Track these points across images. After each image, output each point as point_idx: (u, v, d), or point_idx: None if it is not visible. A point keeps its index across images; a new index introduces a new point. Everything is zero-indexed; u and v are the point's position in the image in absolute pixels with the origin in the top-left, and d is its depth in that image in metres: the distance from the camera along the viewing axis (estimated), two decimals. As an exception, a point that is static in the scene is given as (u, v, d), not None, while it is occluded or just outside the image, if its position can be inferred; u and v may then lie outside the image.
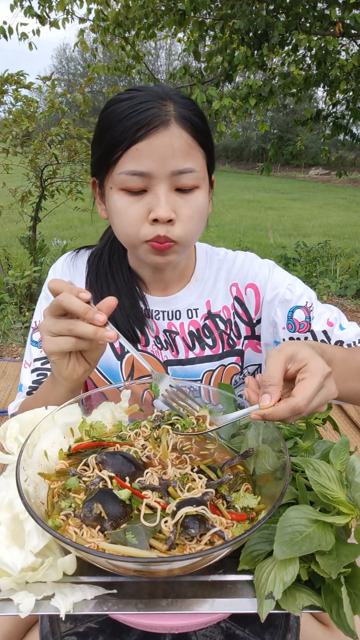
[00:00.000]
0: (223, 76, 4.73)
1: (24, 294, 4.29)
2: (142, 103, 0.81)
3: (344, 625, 0.51)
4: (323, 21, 4.20)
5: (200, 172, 0.84)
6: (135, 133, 0.79)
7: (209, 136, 0.88)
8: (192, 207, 0.85)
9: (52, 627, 0.66)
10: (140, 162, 0.80)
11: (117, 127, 0.81)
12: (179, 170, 0.81)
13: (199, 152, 0.85)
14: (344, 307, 4.74)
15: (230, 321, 1.04)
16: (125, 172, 0.81)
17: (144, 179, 0.81)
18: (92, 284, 1.01)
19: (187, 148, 0.82)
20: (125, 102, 0.82)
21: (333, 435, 2.31)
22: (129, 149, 0.80)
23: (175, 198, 0.84)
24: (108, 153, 0.83)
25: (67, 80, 31.61)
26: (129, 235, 0.86)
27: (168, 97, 0.83)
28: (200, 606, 0.53)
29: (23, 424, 0.74)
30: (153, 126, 0.79)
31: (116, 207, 0.86)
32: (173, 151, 0.80)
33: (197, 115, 0.85)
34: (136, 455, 0.69)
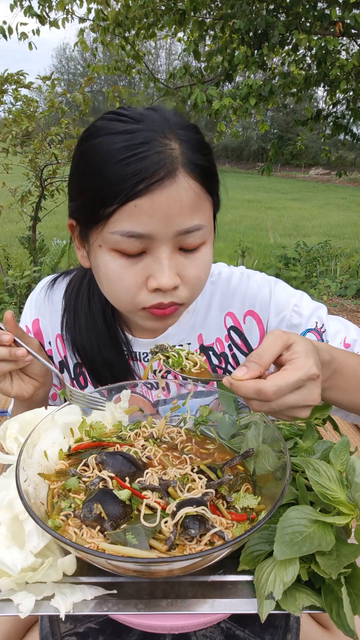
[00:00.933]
0: (223, 76, 4.73)
1: (24, 294, 4.28)
2: (142, 144, 0.65)
3: (344, 625, 0.51)
4: (323, 21, 4.20)
5: (207, 227, 0.72)
6: (135, 186, 0.64)
7: (215, 174, 0.74)
8: (198, 267, 0.73)
9: (52, 628, 0.66)
10: (140, 222, 0.66)
11: (111, 173, 0.65)
12: (185, 230, 0.68)
13: (207, 202, 0.72)
14: (344, 307, 4.74)
15: (225, 355, 0.94)
16: (120, 233, 0.67)
17: (143, 240, 0.68)
18: (69, 327, 0.90)
19: (196, 201, 0.68)
20: (120, 138, 0.66)
21: (333, 435, 2.30)
22: (125, 205, 0.65)
23: (180, 259, 0.71)
24: (98, 205, 0.67)
25: (67, 80, 31.64)
26: (123, 301, 0.75)
27: (171, 132, 0.68)
28: (200, 606, 0.53)
29: (23, 424, 0.74)
30: (157, 178, 0.64)
31: (107, 269, 0.72)
32: (180, 208, 0.66)
33: (205, 153, 0.71)
34: (136, 455, 0.69)
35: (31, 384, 0.82)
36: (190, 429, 0.80)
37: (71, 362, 0.95)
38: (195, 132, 0.73)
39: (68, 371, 0.96)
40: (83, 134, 0.73)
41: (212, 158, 0.73)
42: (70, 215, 0.77)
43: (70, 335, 0.91)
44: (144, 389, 0.88)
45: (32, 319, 0.96)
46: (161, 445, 0.75)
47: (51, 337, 0.95)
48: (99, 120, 0.72)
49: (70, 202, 0.76)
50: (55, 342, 0.95)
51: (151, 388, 0.88)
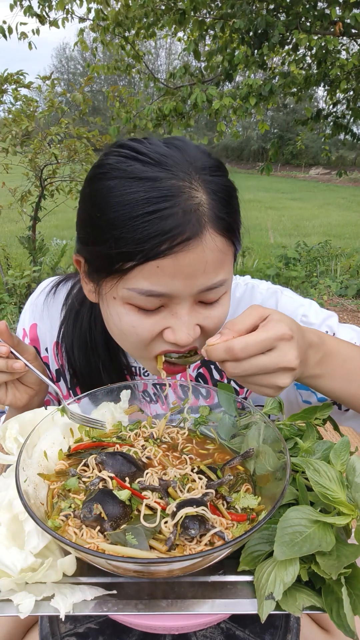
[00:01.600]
0: (223, 75, 4.73)
1: (24, 294, 4.29)
2: (166, 198, 0.58)
3: (344, 625, 0.51)
4: (323, 20, 4.20)
5: (229, 279, 0.67)
6: (158, 246, 0.58)
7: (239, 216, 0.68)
8: (218, 318, 0.69)
9: (51, 628, 0.66)
10: (160, 282, 0.61)
11: (131, 228, 0.59)
12: (208, 287, 0.64)
13: (230, 253, 0.66)
14: (344, 307, 4.74)
15: None
16: (138, 291, 0.62)
17: (162, 298, 0.63)
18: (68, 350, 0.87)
19: (221, 257, 0.63)
20: (140, 186, 0.59)
21: (333, 435, 2.30)
22: (146, 264, 0.60)
23: (199, 310, 0.67)
24: (114, 258, 0.62)
25: (67, 80, 31.63)
26: (134, 350, 0.71)
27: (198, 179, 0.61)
28: (200, 607, 0.53)
29: (23, 424, 0.74)
30: (182, 239, 0.58)
31: (121, 321, 0.67)
32: (205, 268, 0.61)
33: (231, 202, 0.65)
34: (136, 455, 0.69)
35: (26, 393, 0.82)
36: (190, 429, 0.80)
37: (68, 372, 0.92)
38: (221, 172, 0.66)
39: (65, 380, 0.94)
40: (95, 170, 0.66)
41: (235, 200, 0.68)
42: (78, 251, 0.71)
43: (68, 358, 0.88)
44: (143, 402, 0.86)
45: (30, 324, 0.95)
46: (161, 445, 0.75)
47: (48, 344, 0.93)
48: (112, 156, 0.64)
49: (79, 242, 0.70)
50: (52, 350, 0.93)
51: (150, 401, 0.86)
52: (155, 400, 0.86)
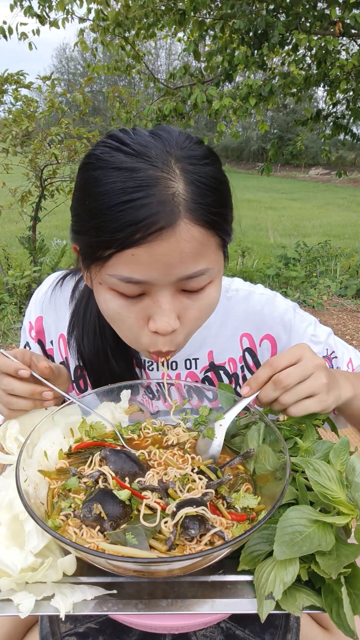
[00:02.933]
0: (223, 76, 4.73)
1: (24, 294, 4.29)
2: (141, 187, 0.59)
3: (344, 625, 0.51)
4: (323, 21, 4.20)
5: (214, 268, 0.67)
6: (132, 235, 0.59)
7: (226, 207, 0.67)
8: (201, 308, 0.69)
9: (52, 628, 0.66)
10: (137, 270, 0.62)
11: (107, 217, 0.60)
12: (188, 276, 0.64)
13: (213, 244, 0.65)
14: (344, 307, 4.74)
15: (236, 375, 0.91)
16: (118, 278, 0.63)
17: (142, 285, 0.64)
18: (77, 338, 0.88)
19: (200, 247, 0.63)
20: (119, 176, 0.60)
21: (333, 435, 2.30)
22: (122, 252, 0.61)
23: (182, 300, 0.67)
24: (94, 244, 0.63)
25: (67, 80, 31.63)
26: (128, 339, 0.73)
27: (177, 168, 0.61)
28: (201, 607, 0.53)
29: (23, 424, 0.74)
30: (155, 229, 0.59)
31: (108, 308, 0.69)
32: (181, 257, 0.61)
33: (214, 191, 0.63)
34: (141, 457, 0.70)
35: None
36: (190, 429, 0.80)
37: (72, 364, 0.93)
38: (206, 161, 0.65)
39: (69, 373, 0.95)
40: (84, 160, 0.67)
41: (224, 190, 0.66)
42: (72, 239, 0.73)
43: (78, 346, 0.88)
44: (145, 398, 0.86)
45: (36, 316, 0.95)
46: (166, 444, 0.75)
47: (54, 337, 0.94)
48: (100, 146, 0.66)
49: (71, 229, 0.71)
50: (57, 342, 0.93)
51: (152, 398, 0.86)
52: (158, 397, 0.87)
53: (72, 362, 0.93)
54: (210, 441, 0.72)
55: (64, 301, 0.92)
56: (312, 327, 0.91)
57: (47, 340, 0.95)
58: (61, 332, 0.92)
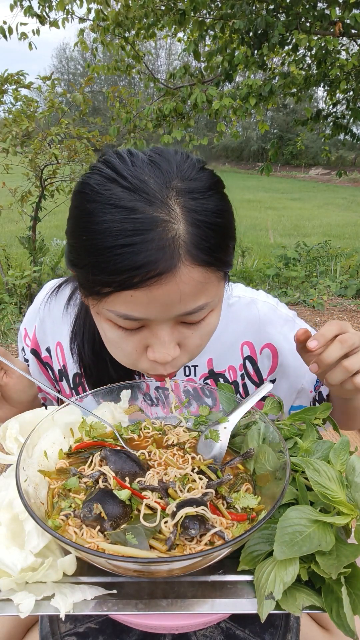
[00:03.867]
0: (223, 76, 4.73)
1: (24, 294, 4.29)
2: (139, 231, 0.56)
3: (344, 625, 0.51)
4: (323, 21, 4.20)
5: (214, 300, 0.66)
6: (130, 279, 0.58)
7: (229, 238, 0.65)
8: (202, 335, 0.69)
9: (52, 628, 0.66)
10: (136, 309, 0.61)
11: (104, 258, 0.58)
12: (187, 312, 0.63)
13: (214, 279, 0.64)
14: (344, 307, 4.74)
15: (236, 384, 0.91)
16: (116, 314, 0.63)
17: (141, 321, 0.64)
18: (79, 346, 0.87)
19: (200, 287, 0.61)
20: (115, 215, 0.57)
21: (333, 435, 2.30)
22: (120, 292, 0.60)
23: (181, 330, 0.67)
24: (92, 281, 0.62)
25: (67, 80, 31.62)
26: (124, 363, 0.73)
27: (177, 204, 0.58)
28: (201, 606, 0.53)
29: (23, 424, 0.74)
30: (154, 275, 0.57)
31: (106, 336, 0.69)
32: (180, 298, 0.60)
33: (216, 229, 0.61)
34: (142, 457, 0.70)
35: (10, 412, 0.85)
36: (190, 429, 0.80)
37: (71, 372, 0.92)
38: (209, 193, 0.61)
39: (67, 380, 0.94)
40: (78, 187, 0.64)
41: (226, 223, 0.64)
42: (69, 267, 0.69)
43: (79, 354, 0.88)
44: (144, 404, 0.86)
45: (32, 325, 0.95)
46: (166, 444, 0.75)
47: (51, 344, 0.93)
48: (95, 174, 0.62)
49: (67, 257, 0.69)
50: (55, 350, 0.93)
51: (151, 404, 0.86)
52: (157, 403, 0.86)
53: (70, 369, 0.92)
54: (214, 443, 0.72)
55: (58, 308, 0.91)
56: None
57: (43, 349, 0.94)
58: (58, 339, 0.92)
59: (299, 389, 0.94)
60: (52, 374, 0.95)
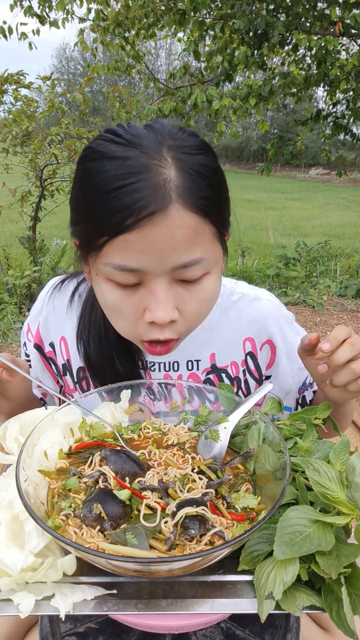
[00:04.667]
0: (223, 76, 4.73)
1: (24, 294, 4.29)
2: (132, 174, 0.59)
3: (344, 625, 0.51)
4: (323, 21, 4.20)
5: (210, 258, 0.66)
6: (123, 221, 0.59)
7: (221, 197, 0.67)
8: (199, 301, 0.69)
9: (52, 628, 0.66)
10: (131, 257, 0.62)
11: (100, 204, 0.61)
12: (182, 264, 0.63)
13: (208, 233, 0.65)
14: (344, 307, 4.74)
15: (238, 379, 0.92)
16: (112, 266, 0.63)
17: (137, 274, 0.64)
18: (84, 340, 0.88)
19: (193, 235, 0.62)
20: (112, 164, 0.61)
21: (333, 435, 2.30)
22: (115, 239, 0.61)
23: (179, 290, 0.67)
24: (90, 234, 0.64)
25: (67, 80, 31.61)
26: (123, 330, 0.73)
27: (169, 156, 0.61)
28: (200, 606, 0.53)
29: (23, 424, 0.74)
30: (147, 213, 0.59)
31: (105, 300, 0.69)
32: (174, 243, 0.61)
33: (207, 179, 0.63)
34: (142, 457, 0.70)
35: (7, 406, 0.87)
36: (190, 429, 0.80)
37: (75, 365, 0.92)
38: (199, 151, 0.65)
39: (71, 374, 0.94)
40: (82, 152, 0.68)
41: (217, 180, 0.66)
42: (71, 233, 0.73)
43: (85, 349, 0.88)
44: (147, 399, 0.86)
45: (35, 321, 0.95)
46: (166, 444, 0.75)
47: (54, 339, 0.93)
48: (96, 140, 0.66)
49: (70, 222, 0.72)
50: (58, 344, 0.93)
51: (154, 399, 0.86)
52: (159, 398, 0.86)
53: (74, 363, 0.92)
54: (214, 443, 0.72)
55: (62, 304, 0.92)
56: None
57: (46, 344, 0.94)
58: (61, 334, 0.92)
59: (287, 391, 0.95)
60: (55, 369, 0.95)
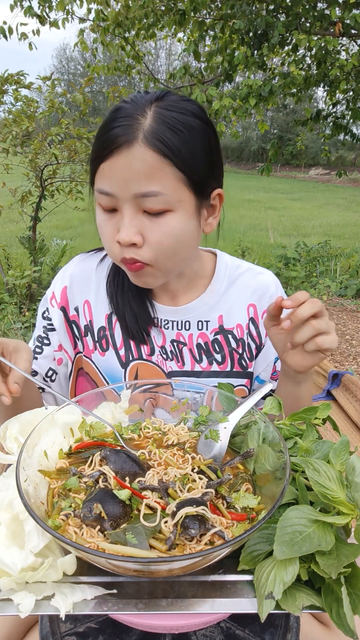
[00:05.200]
0: (223, 76, 4.73)
1: (24, 294, 4.29)
2: (117, 119, 0.77)
3: (343, 625, 0.51)
4: (323, 21, 4.20)
5: (170, 195, 0.77)
6: (102, 152, 0.77)
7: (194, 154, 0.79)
8: (161, 232, 0.79)
9: (52, 627, 0.66)
10: (105, 182, 0.78)
11: (95, 142, 0.80)
12: (142, 194, 0.76)
13: (170, 174, 0.77)
14: (344, 307, 4.74)
15: (243, 341, 1.01)
16: (97, 190, 0.80)
17: (111, 198, 0.79)
18: (111, 284, 1.01)
19: (151, 170, 0.75)
20: (110, 116, 0.79)
21: (333, 435, 2.30)
22: (98, 167, 0.79)
23: (143, 220, 0.79)
24: (91, 168, 0.83)
25: (67, 80, 31.59)
26: (108, 252, 0.86)
27: (151, 109, 0.77)
28: (200, 606, 0.53)
29: (23, 424, 0.74)
30: (115, 146, 0.75)
31: (97, 221, 0.85)
32: (134, 173, 0.75)
33: (177, 132, 0.76)
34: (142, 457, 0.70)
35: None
36: (190, 429, 0.80)
37: (96, 326, 1.01)
38: (181, 111, 0.78)
39: (92, 334, 1.01)
40: None
41: (190, 135, 0.78)
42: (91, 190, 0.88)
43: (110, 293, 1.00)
44: (160, 359, 0.97)
45: (61, 287, 1.03)
46: (166, 444, 0.75)
47: (79, 303, 1.02)
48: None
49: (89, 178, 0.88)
50: (82, 308, 1.02)
51: (166, 359, 0.97)
52: (172, 357, 0.97)
53: (96, 324, 1.01)
54: (214, 443, 0.72)
55: (89, 269, 1.03)
56: None
57: (71, 307, 1.03)
58: (86, 298, 1.02)
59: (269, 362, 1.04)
60: (77, 331, 1.03)
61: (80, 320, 1.03)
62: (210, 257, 1.05)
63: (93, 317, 1.02)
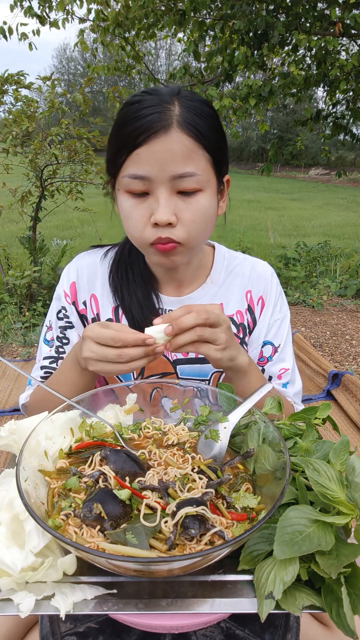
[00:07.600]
0: (223, 76, 4.73)
1: (24, 294, 4.28)
2: (146, 108, 0.81)
3: (344, 625, 0.51)
4: (323, 21, 4.20)
5: (202, 176, 0.84)
6: (136, 138, 0.81)
7: (217, 139, 0.87)
8: (194, 211, 0.85)
9: (52, 627, 0.66)
10: (140, 167, 0.82)
11: (123, 131, 0.83)
12: (179, 175, 0.82)
13: (202, 156, 0.84)
14: (344, 307, 4.74)
15: (243, 326, 1.07)
16: (128, 176, 0.84)
17: (145, 182, 0.83)
18: (114, 277, 1.05)
19: (188, 152, 0.82)
20: (134, 106, 0.83)
21: (333, 435, 2.30)
22: (131, 154, 0.82)
23: (177, 201, 0.84)
24: (114, 156, 0.86)
25: (67, 80, 31.61)
26: (135, 238, 0.89)
27: (176, 99, 0.83)
28: (200, 606, 0.53)
29: (22, 425, 0.74)
30: (153, 132, 0.80)
31: (123, 209, 0.88)
32: (172, 156, 0.81)
33: (203, 118, 0.84)
34: (142, 457, 0.70)
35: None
36: (190, 429, 0.80)
37: (103, 318, 1.06)
38: (202, 103, 0.85)
39: None
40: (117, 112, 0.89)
41: (213, 122, 0.86)
42: (107, 172, 0.93)
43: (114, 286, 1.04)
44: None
45: (69, 283, 1.07)
46: (166, 444, 0.75)
47: (86, 297, 1.07)
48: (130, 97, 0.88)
49: (106, 161, 0.92)
50: (89, 301, 1.07)
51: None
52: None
53: (103, 317, 1.06)
54: (214, 443, 0.72)
55: (95, 263, 1.07)
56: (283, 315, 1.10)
57: (80, 302, 1.07)
58: (92, 292, 1.06)
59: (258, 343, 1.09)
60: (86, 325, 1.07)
61: (88, 314, 1.07)
62: (209, 249, 1.11)
63: (100, 310, 1.06)
